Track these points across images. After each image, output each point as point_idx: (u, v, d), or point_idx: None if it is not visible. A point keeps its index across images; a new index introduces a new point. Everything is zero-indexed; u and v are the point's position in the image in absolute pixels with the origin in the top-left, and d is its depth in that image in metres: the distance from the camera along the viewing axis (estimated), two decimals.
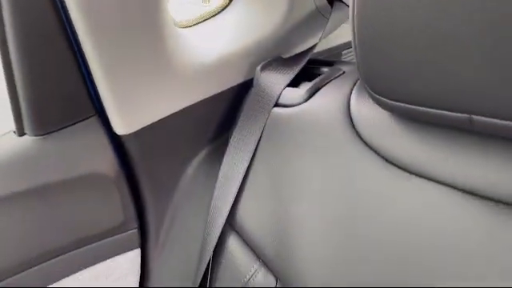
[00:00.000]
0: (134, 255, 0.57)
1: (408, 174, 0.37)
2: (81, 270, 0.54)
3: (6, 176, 0.47)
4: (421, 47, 0.30)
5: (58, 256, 0.52)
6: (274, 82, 0.52)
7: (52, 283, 0.52)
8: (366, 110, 0.41)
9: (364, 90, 0.39)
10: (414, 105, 0.34)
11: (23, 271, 0.50)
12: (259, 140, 0.50)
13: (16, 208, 0.48)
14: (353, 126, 0.42)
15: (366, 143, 0.40)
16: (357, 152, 0.40)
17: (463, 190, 0.34)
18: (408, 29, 0.30)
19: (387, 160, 0.38)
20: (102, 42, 0.42)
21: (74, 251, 0.53)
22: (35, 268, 0.51)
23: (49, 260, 0.51)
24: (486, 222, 0.32)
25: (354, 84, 0.45)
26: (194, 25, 0.56)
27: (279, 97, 0.50)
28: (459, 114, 0.31)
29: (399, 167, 0.38)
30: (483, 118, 0.30)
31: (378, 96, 0.35)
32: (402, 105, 0.34)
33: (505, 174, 0.32)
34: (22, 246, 0.49)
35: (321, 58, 0.56)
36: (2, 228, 0.48)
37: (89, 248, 0.53)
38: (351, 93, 0.43)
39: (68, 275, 0.53)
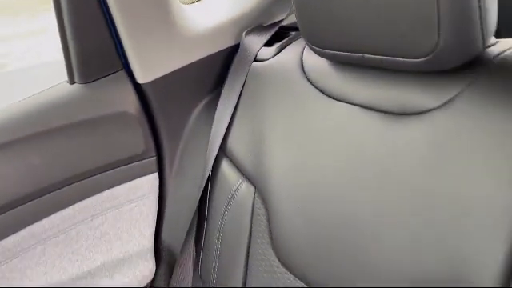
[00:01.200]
0: (153, 178, 0.75)
1: (337, 101, 0.54)
2: (111, 187, 0.72)
3: (59, 114, 0.66)
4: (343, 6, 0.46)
5: (93, 176, 0.70)
6: (255, 43, 0.69)
7: (88, 197, 0.71)
8: (311, 59, 0.58)
9: None
10: (338, 51, 0.50)
11: (68, 185, 0.69)
12: (242, 87, 0.68)
13: (64, 138, 0.66)
14: (303, 71, 0.59)
15: (311, 83, 0.57)
16: (305, 90, 0.58)
17: (369, 108, 0.51)
18: None
19: (324, 93, 0.55)
20: (126, 13, 0.60)
21: (106, 172, 0.71)
22: (77, 183, 0.69)
23: (87, 178, 0.70)
24: (380, 127, 0.49)
25: None
26: (194, 2, 0.73)
27: (257, 54, 0.67)
28: (356, 54, 0.48)
29: (332, 97, 0.55)
30: (372, 56, 0.46)
31: (312, 46, 0.52)
32: (330, 51, 0.51)
33: (391, 92, 0.49)
34: (66, 166, 0.68)
35: (292, 25, 0.72)
36: (56, 152, 0.67)
37: (117, 170, 0.72)
38: (304, 48, 0.60)
39: (102, 191, 0.72)
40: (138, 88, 0.69)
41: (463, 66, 0.42)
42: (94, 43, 0.64)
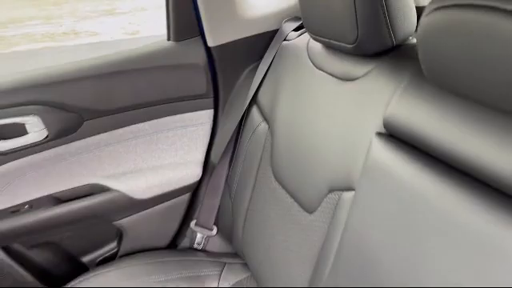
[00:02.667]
0: (210, 112, 1.11)
1: (318, 70, 0.82)
2: (182, 113, 1.09)
3: (157, 58, 1.03)
4: None
5: (169, 103, 1.07)
6: (288, 28, 0.99)
7: (164, 117, 1.08)
8: (312, 42, 0.87)
9: None
10: (319, 36, 0.79)
11: (152, 106, 1.06)
12: (273, 59, 0.99)
13: (157, 74, 1.04)
14: (307, 50, 0.88)
15: (310, 59, 0.86)
16: (306, 63, 0.87)
17: (331, 74, 0.78)
18: None
19: (315, 65, 0.84)
20: None
21: (179, 102, 1.08)
22: (157, 106, 1.06)
23: (165, 103, 1.07)
24: (333, 86, 0.77)
25: None
26: None
27: (287, 36, 0.97)
28: (325, 39, 0.76)
29: (317, 68, 0.83)
30: (329, 40, 0.74)
31: (309, 33, 0.81)
32: (315, 36, 0.80)
33: (341, 65, 0.76)
34: (153, 93, 1.05)
35: None
36: (149, 82, 1.04)
37: (187, 102, 1.08)
38: None
39: (175, 115, 1.08)
40: (208, 49, 1.04)
41: (378, 53, 0.68)
42: (184, 15, 1.00)
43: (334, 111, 0.75)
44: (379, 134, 0.62)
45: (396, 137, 0.60)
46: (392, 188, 0.57)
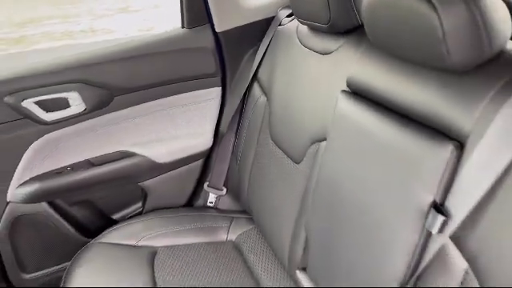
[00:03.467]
0: (218, 90, 1.30)
1: (305, 48, 1.01)
2: (193, 91, 1.28)
3: (173, 43, 1.23)
4: None
5: (181, 82, 1.26)
6: (282, 15, 1.17)
7: (178, 94, 1.27)
8: (300, 26, 1.05)
9: None
10: (302, 18, 0.97)
11: (166, 85, 1.25)
12: (270, 41, 1.17)
13: (172, 56, 1.24)
14: (297, 32, 1.06)
15: (298, 39, 1.05)
16: (297, 48, 1.05)
17: (313, 50, 0.97)
18: None
19: (302, 44, 1.02)
20: None
21: (191, 81, 1.27)
22: (172, 84, 1.25)
23: (177, 82, 1.26)
24: (316, 61, 0.96)
25: None
26: None
27: (281, 21, 1.16)
28: (306, 21, 0.94)
29: (304, 46, 1.02)
30: (308, 22, 0.93)
31: (297, 18, 1.00)
32: (304, 21, 0.98)
33: (322, 41, 0.94)
34: (167, 72, 1.25)
35: None
36: (165, 61, 1.24)
37: (197, 81, 1.28)
38: None
39: (186, 92, 1.28)
40: (216, 34, 1.24)
41: (349, 30, 0.87)
42: (195, 6, 1.20)
43: (315, 79, 0.93)
44: (344, 92, 0.81)
45: (356, 93, 0.79)
46: (352, 131, 0.75)
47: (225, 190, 1.34)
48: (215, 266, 1.10)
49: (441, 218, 0.53)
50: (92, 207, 1.32)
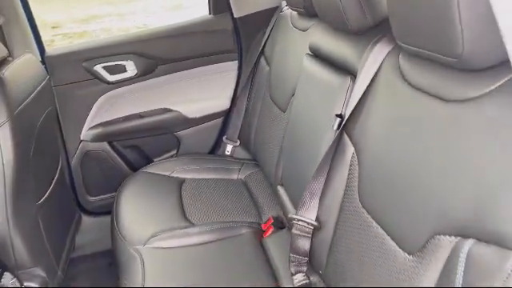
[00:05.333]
0: (236, 63, 1.69)
1: (295, 29, 1.38)
2: (215, 63, 1.68)
3: (204, 26, 1.64)
4: None
5: (205, 57, 1.67)
6: (283, 4, 1.54)
7: (201, 66, 1.68)
8: (293, 13, 1.42)
9: None
10: (294, 7, 1.34)
11: (189, 59, 1.67)
12: (273, 26, 1.55)
13: (201, 36, 1.65)
14: (290, 17, 1.42)
15: (292, 24, 1.41)
16: (289, 28, 1.41)
17: (303, 30, 1.33)
18: None
19: (294, 26, 1.39)
20: None
21: (214, 56, 1.67)
22: (197, 59, 1.67)
23: (200, 57, 1.67)
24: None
25: None
26: None
27: (282, 9, 1.53)
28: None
29: (296, 28, 1.38)
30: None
31: (288, 5, 1.36)
32: (292, 7, 1.35)
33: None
34: (190, 49, 1.66)
35: None
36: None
37: (219, 55, 1.68)
38: None
39: (208, 65, 1.68)
40: (234, 19, 1.63)
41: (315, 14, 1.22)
42: None
43: (297, 48, 1.29)
44: (307, 54, 1.17)
45: (314, 54, 1.15)
46: (307, 79, 1.12)
47: (238, 141, 1.73)
48: (227, 194, 1.48)
49: (338, 120, 0.88)
50: (139, 150, 1.76)
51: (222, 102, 1.73)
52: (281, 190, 1.29)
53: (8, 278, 1.02)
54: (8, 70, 1.11)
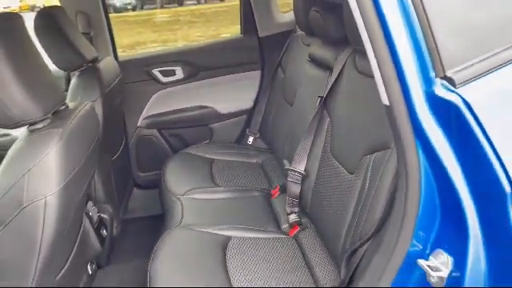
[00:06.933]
0: (260, 72, 2.18)
1: (303, 44, 1.85)
2: (245, 72, 2.17)
3: (234, 46, 2.14)
4: None
5: (238, 66, 2.16)
6: (297, 27, 2.02)
7: (234, 73, 2.17)
8: (302, 33, 1.89)
9: None
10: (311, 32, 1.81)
11: (229, 67, 2.16)
12: (289, 42, 2.02)
13: (230, 51, 2.15)
14: (300, 38, 1.89)
15: (301, 41, 1.88)
16: (299, 44, 1.88)
17: (306, 44, 1.80)
18: None
19: (302, 43, 1.86)
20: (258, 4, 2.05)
21: (243, 66, 2.16)
22: (230, 67, 2.16)
23: (236, 66, 2.16)
24: None
25: None
26: (286, 12, 2.11)
27: (296, 30, 2.00)
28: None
29: (303, 43, 1.85)
30: None
31: (299, 28, 1.84)
32: (300, 30, 1.82)
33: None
34: (226, 61, 2.16)
35: None
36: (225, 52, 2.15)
37: (247, 65, 2.16)
38: None
39: (242, 72, 2.17)
40: (259, 38, 2.12)
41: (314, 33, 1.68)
42: (248, 22, 2.10)
43: (304, 58, 1.75)
44: (306, 61, 1.63)
45: (312, 60, 1.61)
46: (306, 77, 1.58)
47: (258, 134, 2.19)
48: (246, 170, 1.92)
49: (319, 99, 1.33)
50: (181, 137, 2.24)
51: (246, 102, 2.20)
52: (285, 162, 1.72)
53: (90, 205, 1.48)
54: (100, 64, 1.63)
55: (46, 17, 1.40)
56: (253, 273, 1.21)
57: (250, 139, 2.21)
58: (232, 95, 2.20)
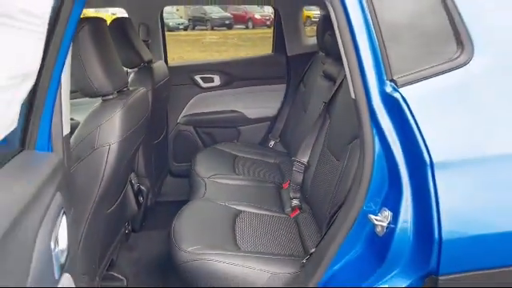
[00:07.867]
0: (285, 85, 2.52)
1: (322, 64, 2.18)
2: (272, 84, 2.52)
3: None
4: None
5: (268, 79, 2.52)
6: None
7: (264, 85, 2.52)
8: (322, 54, 2.22)
9: None
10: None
11: (260, 79, 2.51)
12: (312, 61, 2.36)
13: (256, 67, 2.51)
14: (320, 57, 2.23)
15: (321, 61, 2.21)
16: (319, 63, 2.21)
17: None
18: None
19: (322, 62, 2.19)
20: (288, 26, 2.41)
21: (273, 79, 2.51)
22: (253, 80, 2.52)
23: (266, 79, 2.52)
24: None
25: None
26: (310, 36, 2.46)
27: (319, 51, 2.34)
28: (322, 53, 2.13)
29: (322, 63, 2.18)
30: None
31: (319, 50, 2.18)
32: (319, 51, 2.16)
33: None
34: (250, 71, 2.51)
35: None
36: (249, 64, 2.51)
37: (272, 79, 2.52)
38: None
39: (271, 84, 2.52)
40: (287, 57, 2.47)
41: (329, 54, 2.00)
42: (278, 43, 2.46)
43: (320, 74, 2.08)
44: (319, 75, 1.95)
45: (323, 75, 1.93)
46: (317, 88, 1.90)
47: (279, 139, 2.51)
48: (264, 168, 2.23)
49: (323, 104, 1.64)
50: (212, 136, 2.60)
51: (271, 111, 2.54)
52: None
53: (133, 176, 1.86)
54: (153, 65, 2.03)
55: (118, 24, 1.81)
56: (254, 238, 1.51)
57: (272, 143, 2.53)
58: (259, 103, 2.55)
